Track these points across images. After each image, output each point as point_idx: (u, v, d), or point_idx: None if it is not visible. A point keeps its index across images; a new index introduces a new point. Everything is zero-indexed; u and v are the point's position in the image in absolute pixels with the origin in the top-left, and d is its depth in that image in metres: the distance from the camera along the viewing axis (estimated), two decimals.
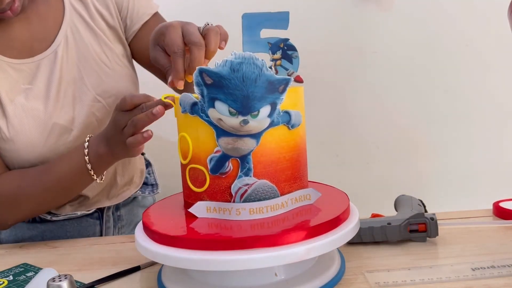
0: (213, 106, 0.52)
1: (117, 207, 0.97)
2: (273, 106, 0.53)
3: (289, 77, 0.54)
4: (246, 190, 0.54)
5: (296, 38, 0.60)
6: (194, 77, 0.52)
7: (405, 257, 0.62)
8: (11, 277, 0.66)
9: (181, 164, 0.59)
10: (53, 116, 0.81)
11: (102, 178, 0.78)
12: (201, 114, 0.53)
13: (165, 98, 0.61)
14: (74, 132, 0.83)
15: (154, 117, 0.63)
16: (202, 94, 0.52)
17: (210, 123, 0.53)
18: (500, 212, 0.75)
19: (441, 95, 1.34)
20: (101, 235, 0.94)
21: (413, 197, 0.74)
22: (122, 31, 0.90)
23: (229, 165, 0.54)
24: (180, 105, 0.55)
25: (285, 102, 0.54)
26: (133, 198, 1.01)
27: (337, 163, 1.36)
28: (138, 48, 0.92)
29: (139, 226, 0.61)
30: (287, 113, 0.55)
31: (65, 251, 0.76)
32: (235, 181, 0.54)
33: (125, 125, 0.67)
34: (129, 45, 0.92)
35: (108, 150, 0.72)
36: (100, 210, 0.94)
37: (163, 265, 0.62)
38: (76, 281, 0.61)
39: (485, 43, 1.31)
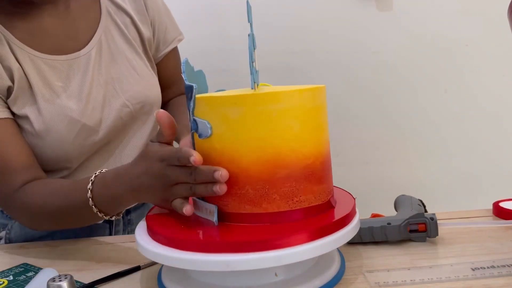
0: None
1: (128, 211, 0.96)
2: None
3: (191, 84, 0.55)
4: None
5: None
6: None
7: (405, 257, 0.62)
8: (11, 277, 0.66)
9: None
10: (83, 117, 0.80)
11: (120, 215, 0.70)
12: None
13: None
14: (100, 134, 0.82)
15: (213, 194, 0.54)
16: None
17: None
18: (500, 212, 0.75)
19: (441, 95, 1.34)
20: None
21: (413, 197, 0.74)
22: (152, 48, 0.93)
23: None
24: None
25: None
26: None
27: (337, 163, 1.35)
28: (159, 71, 0.96)
29: (140, 226, 0.61)
30: (194, 121, 0.56)
31: (65, 251, 0.76)
32: None
33: (175, 182, 0.57)
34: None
35: (132, 196, 0.63)
36: None
37: (163, 265, 0.62)
38: (76, 281, 0.61)
39: (485, 43, 1.31)
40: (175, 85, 1.02)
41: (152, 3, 0.92)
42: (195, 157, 0.53)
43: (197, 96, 0.56)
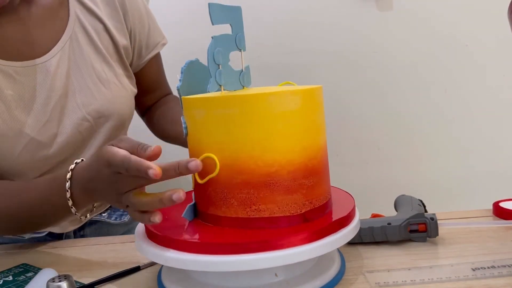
0: None
1: (82, 226, 0.91)
2: None
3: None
4: None
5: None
6: None
7: (405, 257, 0.62)
8: (11, 277, 0.66)
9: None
10: (34, 130, 0.75)
11: (86, 216, 0.70)
12: None
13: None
14: (54, 149, 0.77)
15: (163, 206, 0.51)
16: None
17: None
18: (500, 212, 0.75)
19: (441, 95, 1.34)
20: None
21: (413, 197, 0.74)
22: (132, 55, 0.88)
23: None
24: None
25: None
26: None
27: (337, 163, 1.35)
28: (142, 76, 0.92)
29: (139, 226, 0.61)
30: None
31: (65, 251, 0.76)
32: None
33: (125, 191, 0.55)
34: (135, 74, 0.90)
35: (87, 198, 0.62)
36: None
37: (163, 265, 0.62)
38: (76, 281, 0.61)
39: (485, 43, 1.31)
40: (159, 89, 0.99)
41: (133, 8, 0.85)
42: (155, 170, 0.49)
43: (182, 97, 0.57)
